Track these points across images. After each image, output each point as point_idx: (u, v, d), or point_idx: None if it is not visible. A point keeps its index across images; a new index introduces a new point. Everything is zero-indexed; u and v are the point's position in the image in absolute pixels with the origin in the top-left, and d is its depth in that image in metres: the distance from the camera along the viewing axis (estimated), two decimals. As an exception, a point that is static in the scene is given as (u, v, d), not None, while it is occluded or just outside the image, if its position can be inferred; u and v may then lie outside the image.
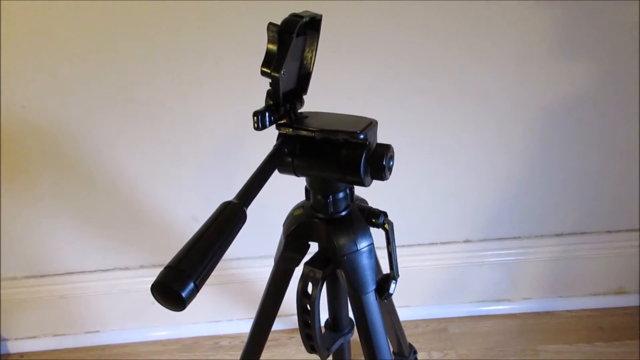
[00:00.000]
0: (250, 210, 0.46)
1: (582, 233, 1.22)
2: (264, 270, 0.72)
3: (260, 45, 0.50)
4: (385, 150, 0.54)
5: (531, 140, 1.10)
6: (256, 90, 0.79)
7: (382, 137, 0.58)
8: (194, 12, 0.95)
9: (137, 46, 0.98)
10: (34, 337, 1.32)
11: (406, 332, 0.96)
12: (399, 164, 0.59)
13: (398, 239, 0.63)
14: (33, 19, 0.95)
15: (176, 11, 0.95)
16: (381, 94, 1.04)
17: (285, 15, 0.51)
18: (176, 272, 0.40)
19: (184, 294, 0.39)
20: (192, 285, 0.39)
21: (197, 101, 1.04)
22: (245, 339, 0.79)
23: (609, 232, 1.22)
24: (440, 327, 1.28)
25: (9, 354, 1.32)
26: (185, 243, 0.42)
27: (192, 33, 0.97)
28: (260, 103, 0.55)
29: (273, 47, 0.49)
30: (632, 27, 0.97)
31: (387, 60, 1.00)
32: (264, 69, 0.50)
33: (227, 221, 0.44)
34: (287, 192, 0.70)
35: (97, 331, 1.32)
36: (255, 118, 0.51)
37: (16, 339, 1.32)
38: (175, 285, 0.39)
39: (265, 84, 0.52)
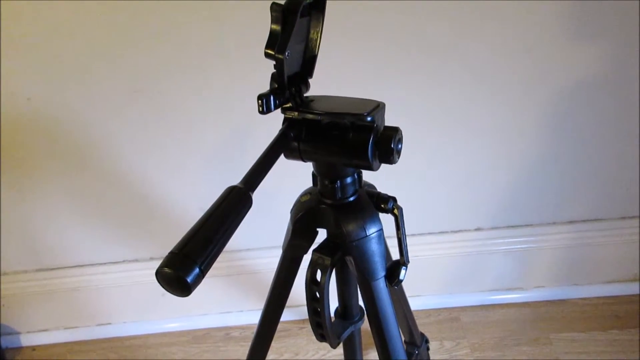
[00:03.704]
0: (261, 200, 0.45)
1: (596, 219, 1.21)
2: (274, 261, 0.72)
3: (263, 33, 0.49)
4: (394, 133, 0.53)
5: (544, 126, 1.09)
6: (264, 83, 0.78)
7: (392, 123, 0.57)
8: (201, 6, 0.94)
9: (145, 40, 0.98)
10: (46, 330, 1.33)
11: (418, 322, 0.96)
12: (410, 151, 0.58)
13: (409, 228, 0.63)
14: (42, 13, 0.95)
15: (184, 4, 0.94)
16: (391, 79, 1.03)
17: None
18: (181, 258, 0.39)
19: (189, 279, 0.38)
20: (197, 270, 0.39)
21: (205, 93, 1.04)
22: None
23: (624, 218, 1.20)
24: (452, 316, 1.27)
25: (21, 347, 1.33)
26: (190, 228, 0.42)
27: (200, 26, 0.97)
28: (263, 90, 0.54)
29: (277, 28, 0.48)
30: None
31: (396, 45, 0.99)
32: (268, 51, 0.49)
33: (232, 206, 0.43)
34: (298, 182, 0.69)
35: (109, 323, 1.33)
36: (259, 101, 0.50)
37: (28, 332, 1.33)
38: (180, 270, 0.38)
39: (268, 72, 0.51)
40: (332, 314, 0.71)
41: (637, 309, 1.23)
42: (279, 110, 0.54)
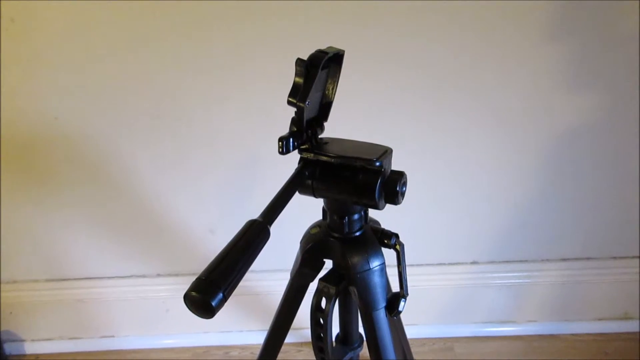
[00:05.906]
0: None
1: (588, 258, 1.24)
2: (275, 284, 0.75)
3: (279, 67, 0.53)
4: (399, 177, 0.58)
5: (542, 167, 1.13)
6: (274, 111, 0.81)
7: (394, 159, 0.62)
8: (218, 35, 0.99)
9: (165, 67, 1.03)
10: (50, 339, 1.35)
11: (413, 350, 0.98)
12: (411, 187, 0.63)
13: (408, 259, 0.66)
14: (75, 39, 1.01)
15: (202, 34, 0.99)
16: (395, 119, 1.07)
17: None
18: (207, 283, 0.43)
19: (213, 303, 0.43)
20: (221, 295, 0.43)
21: (218, 120, 1.08)
22: (257, 351, 0.82)
23: (615, 258, 1.23)
24: (446, 346, 1.29)
25: (24, 355, 1.35)
26: (215, 257, 0.46)
27: (215, 56, 1.02)
28: (277, 121, 0.58)
29: (300, 80, 0.53)
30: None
31: (402, 89, 1.04)
32: (291, 99, 0.54)
33: (253, 238, 0.48)
34: (301, 210, 0.73)
35: (112, 336, 1.35)
36: (280, 143, 0.55)
37: (32, 340, 1.35)
38: (206, 295, 0.43)
39: (282, 104, 0.55)
40: (333, 340, 0.75)
41: (625, 346, 1.26)
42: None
